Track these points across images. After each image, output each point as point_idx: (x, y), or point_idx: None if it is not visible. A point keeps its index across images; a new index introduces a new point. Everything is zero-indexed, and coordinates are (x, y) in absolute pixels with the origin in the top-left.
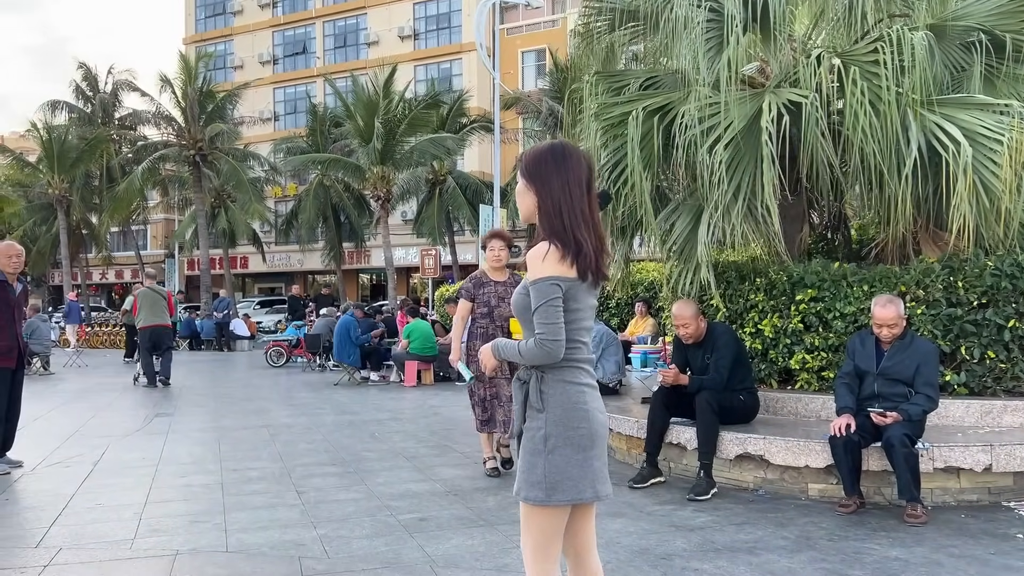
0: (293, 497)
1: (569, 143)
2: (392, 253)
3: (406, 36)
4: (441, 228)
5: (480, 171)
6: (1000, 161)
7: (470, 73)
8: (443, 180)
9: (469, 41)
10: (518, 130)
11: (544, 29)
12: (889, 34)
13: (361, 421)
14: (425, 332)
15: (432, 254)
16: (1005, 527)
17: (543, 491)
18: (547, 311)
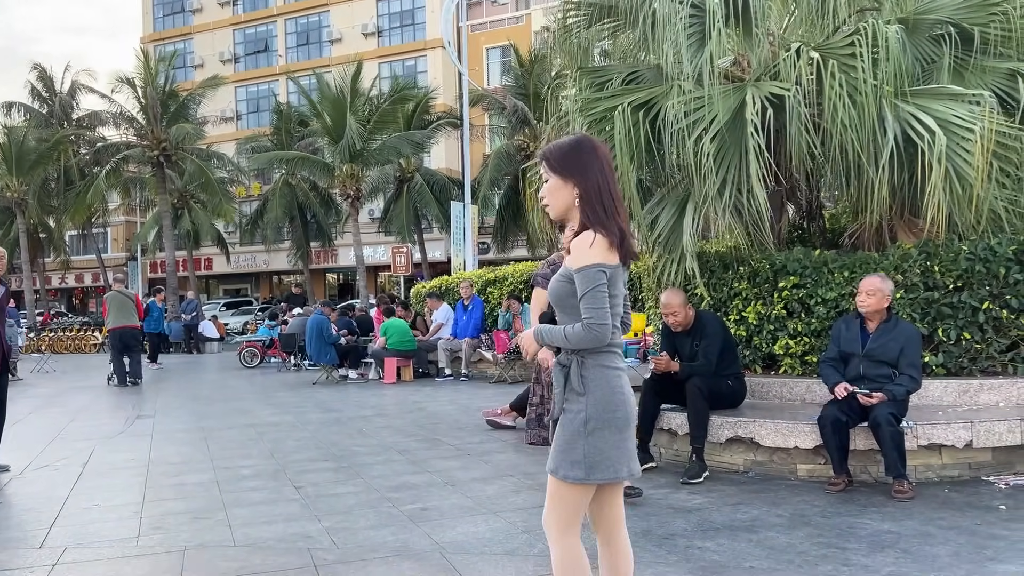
0: (291, 492)
1: (588, 135)
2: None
3: (369, 33)
4: (410, 226)
5: (447, 168)
6: (972, 150)
7: (435, 70)
8: (411, 177)
9: (434, 38)
10: (484, 126)
11: (509, 26)
12: (865, 27)
13: (346, 418)
14: (400, 328)
15: (403, 252)
16: (988, 499)
17: (583, 470)
18: (595, 296)
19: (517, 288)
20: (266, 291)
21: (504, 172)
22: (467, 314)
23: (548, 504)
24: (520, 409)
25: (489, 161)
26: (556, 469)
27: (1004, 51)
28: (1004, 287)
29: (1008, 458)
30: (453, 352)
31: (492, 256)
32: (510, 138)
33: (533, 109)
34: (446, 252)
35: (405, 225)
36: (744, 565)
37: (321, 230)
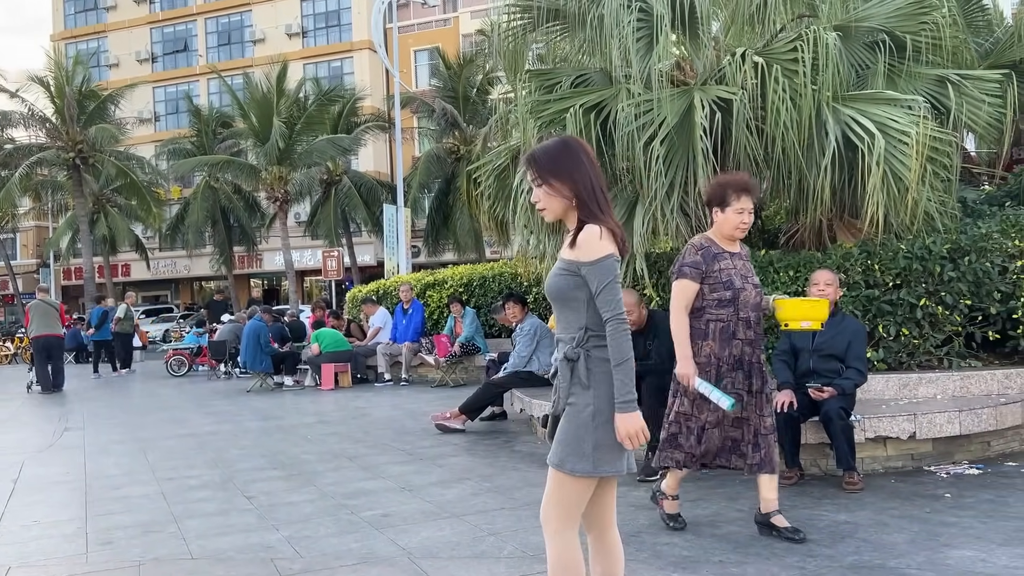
0: (243, 502)
1: (571, 136)
2: (291, 256)
3: (294, 34)
4: (337, 229)
5: (375, 170)
6: (909, 153)
7: (361, 72)
8: (338, 180)
9: (360, 39)
10: (413, 129)
11: (436, 28)
12: (807, 34)
13: (288, 425)
14: (332, 335)
15: (335, 255)
16: (932, 488)
17: (591, 463)
18: (614, 288)
19: (457, 291)
20: (187, 298)
21: (434, 175)
22: (407, 318)
23: (549, 499)
24: (469, 412)
25: (419, 164)
26: (562, 463)
27: (933, 59)
28: (939, 284)
29: (947, 448)
30: (393, 357)
31: (423, 260)
32: (439, 141)
33: (463, 112)
34: (375, 256)
35: (333, 228)
36: (713, 560)
37: (245, 234)
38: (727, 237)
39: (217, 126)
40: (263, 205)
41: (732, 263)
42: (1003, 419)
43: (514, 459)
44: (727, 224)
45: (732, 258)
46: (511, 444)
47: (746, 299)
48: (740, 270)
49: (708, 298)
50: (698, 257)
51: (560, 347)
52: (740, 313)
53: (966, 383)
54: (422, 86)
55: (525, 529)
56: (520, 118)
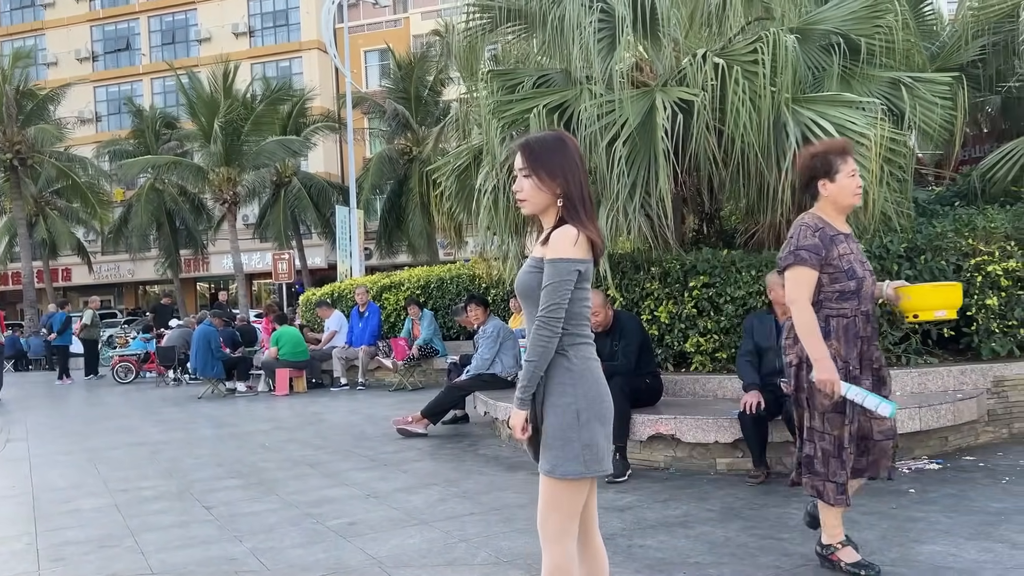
0: (202, 513)
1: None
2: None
3: (241, 33)
4: (287, 231)
5: (326, 172)
6: (868, 155)
7: (311, 72)
8: (288, 181)
9: (309, 39)
10: (364, 129)
11: (386, 28)
12: (767, 36)
13: (244, 433)
14: (294, 338)
15: (285, 258)
16: (896, 485)
17: (582, 464)
18: (559, 289)
19: (414, 293)
20: (131, 302)
21: (386, 176)
22: (363, 321)
23: (545, 508)
24: (431, 416)
25: (370, 165)
26: (553, 469)
27: (887, 61)
28: None
29: (908, 444)
30: (349, 361)
31: (375, 262)
32: (391, 142)
33: (415, 113)
34: (326, 258)
35: (282, 231)
36: (689, 561)
37: (192, 237)
38: (843, 209)
39: (161, 127)
40: (210, 207)
41: (849, 247)
42: (960, 415)
43: (479, 463)
44: (843, 193)
45: (848, 241)
46: (475, 448)
47: (867, 290)
48: (858, 255)
49: (827, 290)
50: (816, 240)
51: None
52: (862, 306)
53: (924, 380)
54: (372, 87)
55: (496, 535)
56: (483, 118)
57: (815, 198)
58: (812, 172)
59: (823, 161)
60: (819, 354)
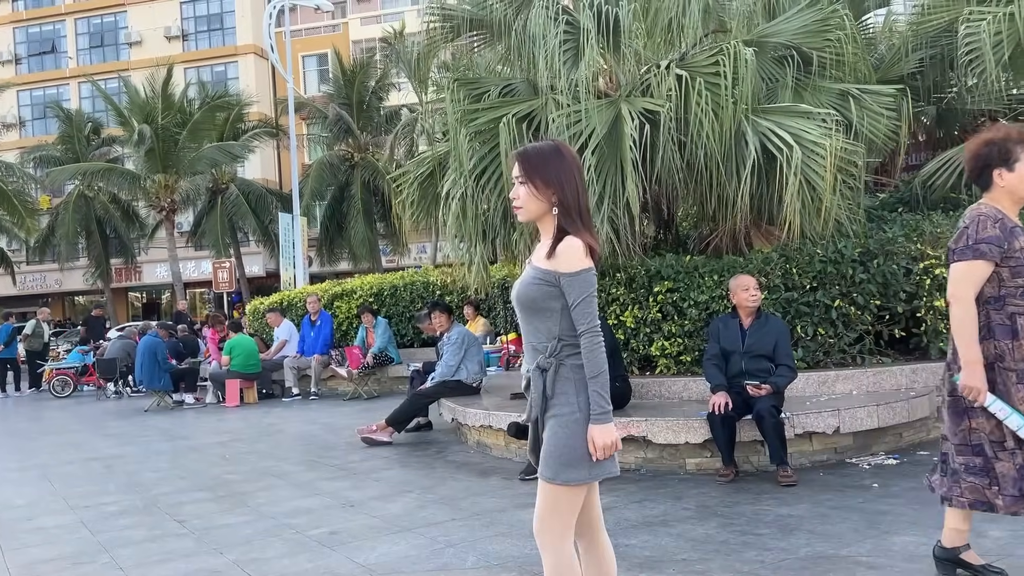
0: (175, 527)
1: (562, 141)
2: (179, 267)
3: (173, 36)
4: (225, 239)
5: (263, 178)
6: (823, 163)
7: (247, 77)
8: (225, 188)
9: (245, 43)
10: (304, 135)
11: (325, 34)
12: (728, 48)
13: (201, 445)
14: (248, 348)
15: (226, 266)
16: (859, 480)
17: (586, 470)
18: (591, 302)
19: (368, 301)
20: (58, 313)
21: (327, 183)
22: (315, 330)
23: (543, 513)
24: (396, 424)
25: (311, 171)
26: (555, 475)
27: (836, 73)
28: (851, 286)
29: (866, 441)
30: (301, 370)
31: (316, 269)
32: (333, 148)
33: (357, 119)
34: (264, 266)
35: (220, 238)
36: (677, 559)
37: (123, 246)
38: (1020, 200)
39: (91, 132)
40: (143, 215)
41: None
42: (914, 412)
43: (451, 469)
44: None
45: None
46: (443, 454)
47: None
48: None
49: (1010, 284)
50: (997, 231)
51: (528, 357)
52: None
53: (878, 379)
54: (311, 92)
55: (482, 539)
56: (449, 126)
57: (986, 189)
58: (987, 160)
59: (1001, 149)
60: (972, 357)
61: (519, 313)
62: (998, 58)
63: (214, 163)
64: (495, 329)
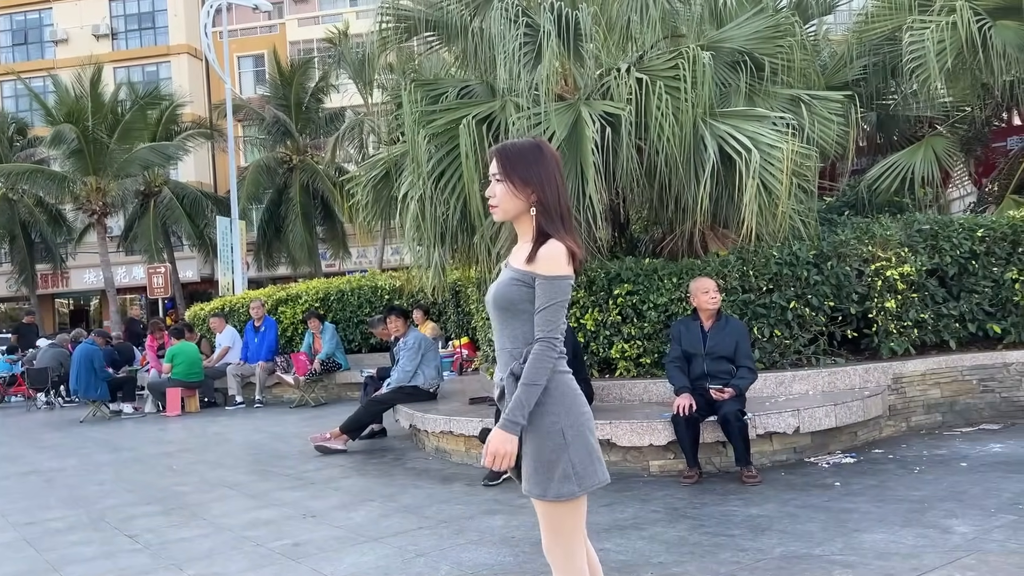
0: (126, 542)
1: (543, 139)
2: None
3: (102, 35)
4: (158, 243)
5: (198, 181)
6: (780, 167)
7: (180, 77)
8: (158, 191)
9: (178, 43)
10: (240, 138)
11: (262, 34)
12: (687, 52)
13: (146, 456)
14: (191, 356)
15: (161, 271)
16: (820, 479)
17: (575, 483)
18: (559, 310)
19: (313, 306)
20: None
21: (264, 186)
22: (259, 336)
23: (547, 533)
24: (351, 432)
25: (247, 174)
26: (545, 491)
27: (786, 79)
28: (806, 288)
29: (824, 440)
30: (245, 377)
31: (253, 274)
32: (271, 150)
33: (295, 121)
34: (199, 271)
35: (153, 243)
36: (653, 562)
37: (49, 251)
38: None
39: (15, 132)
40: (70, 218)
41: None
42: (869, 411)
43: (411, 476)
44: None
45: None
46: (402, 462)
47: None
48: None
49: None
50: None
51: (502, 363)
52: None
53: (833, 379)
54: (247, 93)
55: (452, 547)
56: (408, 128)
57: None
58: None
59: None
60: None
61: (494, 316)
62: (941, 65)
63: (147, 165)
64: (445, 333)
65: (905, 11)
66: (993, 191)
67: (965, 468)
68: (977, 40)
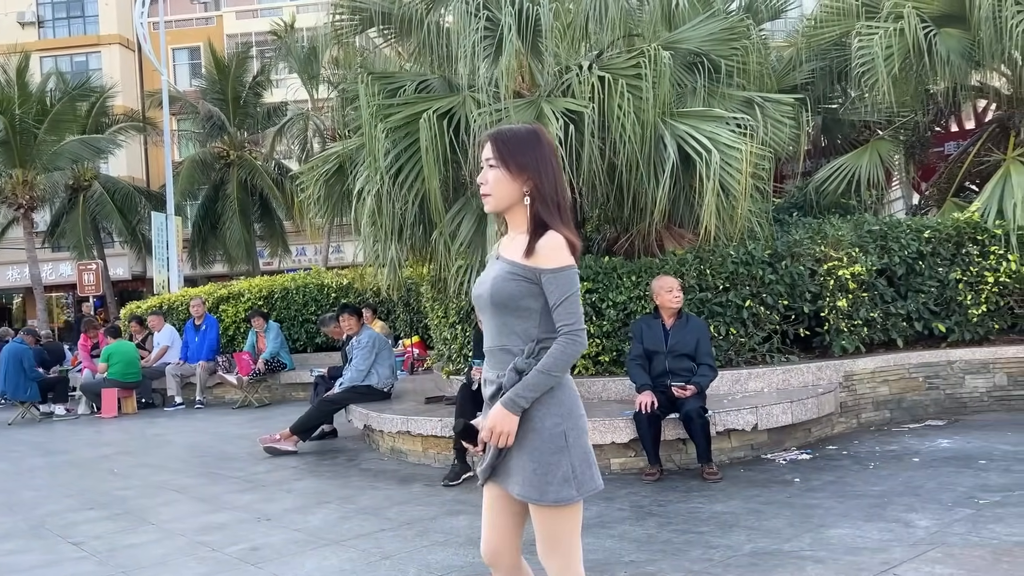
0: (71, 550)
1: (539, 126)
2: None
3: (28, 23)
4: (87, 240)
5: (130, 176)
6: (739, 167)
7: (111, 68)
8: (88, 186)
9: (109, 33)
10: (175, 132)
11: (197, 27)
12: (648, 51)
13: (83, 459)
14: (128, 355)
15: (92, 268)
16: (779, 475)
17: (574, 487)
18: (575, 301)
19: (257, 304)
20: None
21: (199, 181)
22: (199, 335)
23: (545, 541)
24: (301, 432)
25: (182, 169)
26: (542, 495)
27: (740, 81)
28: (761, 287)
29: (780, 437)
30: (184, 378)
31: (189, 272)
32: (205, 145)
33: (232, 115)
34: (130, 269)
35: (82, 239)
36: (624, 560)
37: None
38: None
39: None
40: None
41: None
42: (823, 408)
43: (367, 478)
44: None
45: None
46: (356, 463)
47: None
48: None
49: None
50: None
51: (495, 361)
52: None
53: (787, 376)
54: (182, 86)
55: (417, 549)
56: (364, 122)
57: None
58: None
59: None
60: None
61: (488, 313)
62: (889, 70)
63: (76, 158)
64: (394, 332)
65: (853, 17)
66: (933, 194)
67: (918, 463)
68: (923, 47)
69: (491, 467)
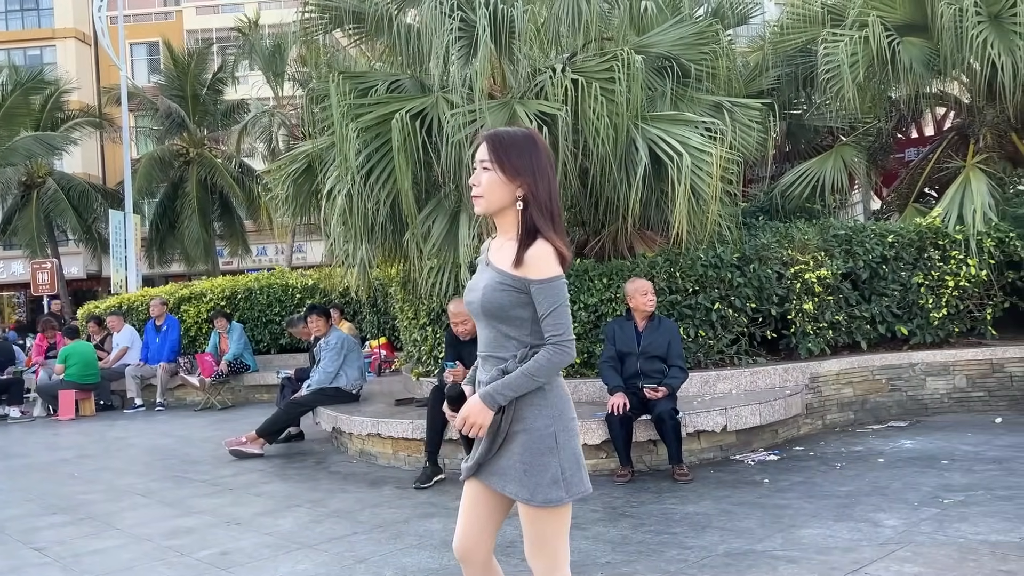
0: (33, 555)
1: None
2: None
3: None
4: (41, 238)
5: (86, 173)
6: (709, 171)
7: (67, 62)
8: (41, 182)
9: (64, 26)
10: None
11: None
12: (621, 54)
13: (42, 463)
14: (86, 356)
15: (47, 267)
16: (749, 476)
17: (563, 488)
18: (564, 311)
19: (219, 305)
20: None
21: (158, 179)
22: (160, 335)
23: (533, 542)
24: (268, 435)
25: (139, 166)
26: (532, 495)
27: (709, 86)
28: (729, 289)
29: (748, 438)
30: (145, 379)
31: (147, 271)
32: (164, 142)
33: (191, 112)
34: (85, 268)
35: (36, 237)
36: (600, 562)
37: None
38: None
39: None
40: None
41: None
42: (790, 409)
43: (337, 480)
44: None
45: None
46: (324, 465)
47: None
48: None
49: None
50: None
51: (489, 365)
52: None
53: (755, 378)
54: (140, 82)
55: (392, 552)
56: (335, 121)
57: None
58: None
59: None
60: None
61: (481, 321)
62: (854, 77)
63: (30, 154)
64: (361, 334)
65: (819, 24)
66: (895, 200)
67: (883, 464)
68: (887, 55)
69: (478, 464)
